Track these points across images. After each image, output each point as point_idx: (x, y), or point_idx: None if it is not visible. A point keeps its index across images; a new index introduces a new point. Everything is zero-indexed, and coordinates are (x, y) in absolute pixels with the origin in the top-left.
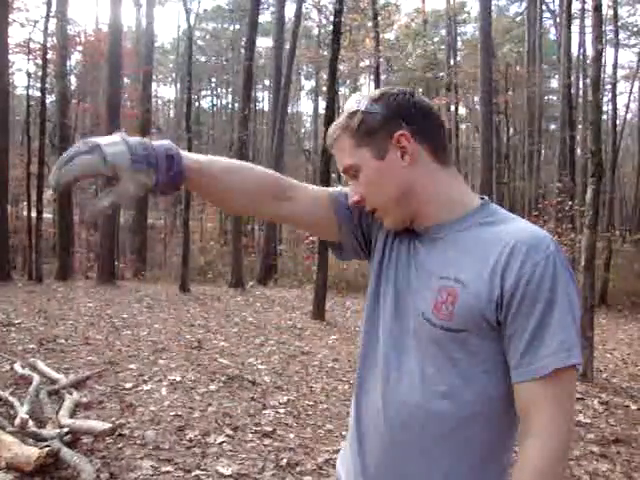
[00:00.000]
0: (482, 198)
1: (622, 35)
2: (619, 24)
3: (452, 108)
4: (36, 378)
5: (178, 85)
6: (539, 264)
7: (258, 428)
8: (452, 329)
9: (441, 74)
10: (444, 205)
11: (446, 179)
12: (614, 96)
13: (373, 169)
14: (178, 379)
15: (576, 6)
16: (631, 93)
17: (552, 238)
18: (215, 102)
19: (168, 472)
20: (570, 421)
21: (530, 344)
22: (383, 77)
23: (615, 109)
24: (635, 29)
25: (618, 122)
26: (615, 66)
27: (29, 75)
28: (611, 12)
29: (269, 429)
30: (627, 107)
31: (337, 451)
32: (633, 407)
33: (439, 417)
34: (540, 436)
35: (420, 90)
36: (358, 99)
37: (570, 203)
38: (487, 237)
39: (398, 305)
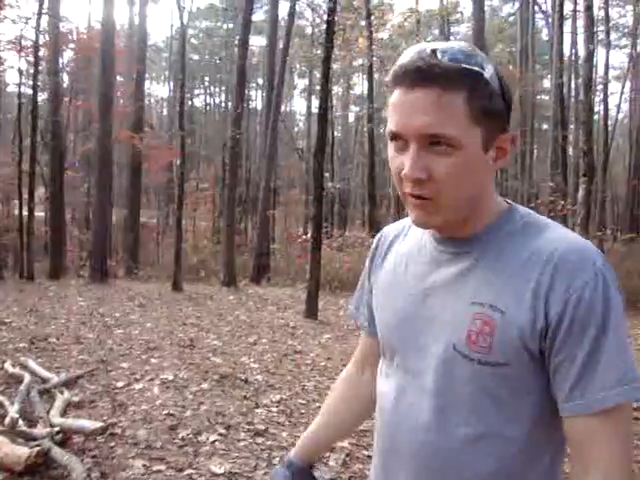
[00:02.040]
0: (508, 202)
1: (613, 36)
2: (610, 25)
3: None
4: (27, 377)
5: (171, 83)
6: (588, 284)
7: (250, 427)
8: (491, 363)
9: None
10: (482, 216)
11: (492, 185)
12: (605, 96)
13: (475, 158)
14: (170, 378)
15: (568, 7)
16: (622, 93)
17: (597, 249)
18: (208, 101)
19: (160, 471)
20: (630, 457)
21: (582, 375)
22: (376, 76)
23: (606, 109)
24: (626, 30)
25: (609, 122)
26: (607, 66)
27: (21, 72)
28: (602, 13)
29: (262, 428)
30: (618, 107)
31: (330, 449)
32: None
33: (474, 462)
34: (599, 473)
35: None
36: (478, 56)
37: (562, 202)
38: (521, 252)
39: (416, 334)
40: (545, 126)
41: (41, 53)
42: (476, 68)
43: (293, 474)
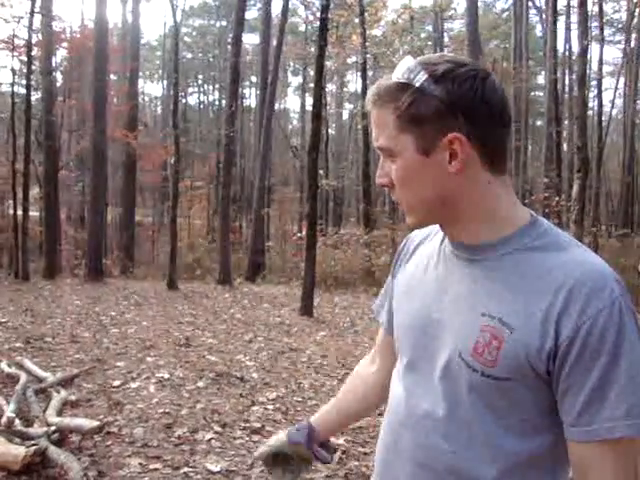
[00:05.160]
0: (532, 214)
1: (607, 31)
2: (604, 20)
3: None
4: (23, 377)
5: (165, 82)
6: (602, 312)
7: (247, 425)
8: (494, 376)
9: None
10: (488, 223)
11: (495, 192)
12: (600, 92)
13: (413, 163)
14: (166, 376)
15: (562, 2)
16: (616, 89)
17: (615, 276)
18: (202, 99)
19: (156, 469)
20: None
21: (590, 402)
22: (370, 73)
23: (601, 105)
24: (620, 25)
25: (604, 118)
26: (601, 62)
27: (14, 72)
28: (596, 9)
29: (258, 425)
30: (612, 103)
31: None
32: None
33: (473, 468)
34: None
35: None
36: (414, 68)
37: (557, 198)
38: (537, 269)
39: (426, 338)
40: (539, 122)
41: (34, 52)
42: (403, 81)
43: (308, 434)
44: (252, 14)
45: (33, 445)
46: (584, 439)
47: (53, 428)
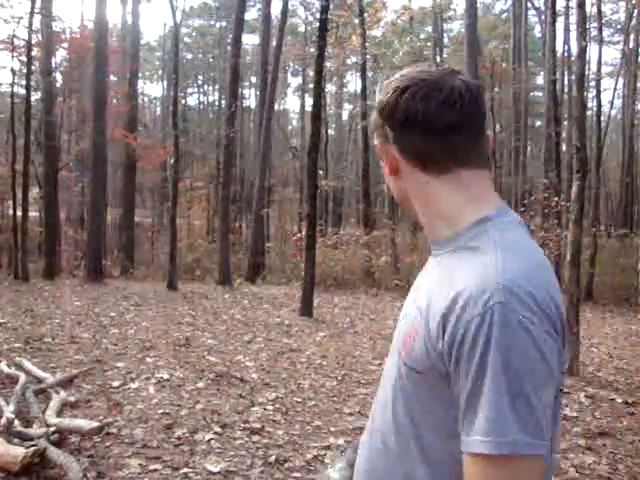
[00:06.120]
0: (486, 214)
1: (606, 32)
2: (603, 21)
3: None
4: (22, 377)
5: (164, 82)
6: (472, 321)
7: (246, 425)
8: (408, 366)
9: None
10: (435, 221)
11: (434, 191)
12: (598, 92)
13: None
14: (166, 377)
15: (561, 3)
16: (615, 90)
17: (509, 285)
18: (202, 99)
19: (156, 470)
20: None
21: (465, 413)
22: (370, 74)
23: (599, 105)
24: (619, 26)
25: (603, 118)
26: (599, 63)
27: (14, 72)
28: (595, 10)
29: (257, 426)
30: (611, 103)
31: (326, 447)
32: (618, 400)
33: (403, 462)
34: None
35: None
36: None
37: (556, 199)
38: (453, 270)
39: (395, 335)
40: (538, 123)
41: (34, 53)
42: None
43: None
44: (252, 15)
45: (32, 446)
46: (461, 449)
47: (52, 429)
